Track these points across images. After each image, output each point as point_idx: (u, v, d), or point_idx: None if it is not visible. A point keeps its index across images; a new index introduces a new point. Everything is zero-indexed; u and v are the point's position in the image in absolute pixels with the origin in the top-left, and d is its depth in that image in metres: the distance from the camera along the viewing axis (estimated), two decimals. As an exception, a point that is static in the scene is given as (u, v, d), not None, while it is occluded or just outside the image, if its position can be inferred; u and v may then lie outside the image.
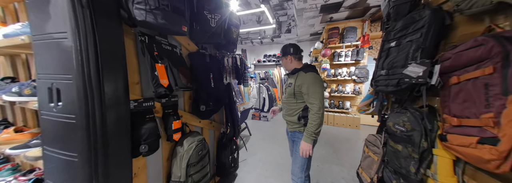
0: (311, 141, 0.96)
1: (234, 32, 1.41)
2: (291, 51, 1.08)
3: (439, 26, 0.66)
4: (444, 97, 0.62)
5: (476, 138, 0.46)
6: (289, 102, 1.09)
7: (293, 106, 1.07)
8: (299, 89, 1.01)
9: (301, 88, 1.00)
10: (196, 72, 1.06)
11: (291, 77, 1.09)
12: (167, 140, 0.88)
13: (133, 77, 0.73)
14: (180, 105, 1.04)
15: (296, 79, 1.03)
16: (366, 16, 3.41)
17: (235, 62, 1.44)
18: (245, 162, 1.98)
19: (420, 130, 0.66)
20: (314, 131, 0.95)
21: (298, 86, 1.01)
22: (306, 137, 0.97)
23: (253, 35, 4.95)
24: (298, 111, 1.05)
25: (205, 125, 1.27)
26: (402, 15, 0.86)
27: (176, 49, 0.92)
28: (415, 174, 0.68)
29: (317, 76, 1.00)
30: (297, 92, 1.03)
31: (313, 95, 0.96)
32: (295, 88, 1.02)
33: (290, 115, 1.09)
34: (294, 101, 1.06)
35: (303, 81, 0.99)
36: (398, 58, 0.81)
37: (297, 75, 1.04)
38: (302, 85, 0.99)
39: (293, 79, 1.06)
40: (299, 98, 1.04)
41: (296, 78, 1.04)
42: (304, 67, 1.06)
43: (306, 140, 0.97)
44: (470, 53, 0.49)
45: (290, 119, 1.09)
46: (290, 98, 1.08)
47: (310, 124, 0.96)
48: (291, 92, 1.05)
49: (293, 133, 1.12)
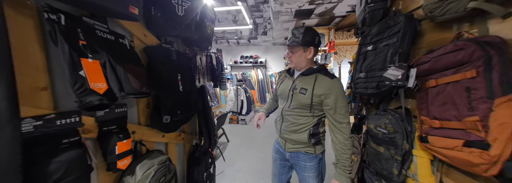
0: (349, 181, 0.70)
1: (209, 26, 1.21)
2: (316, 41, 0.75)
3: (413, 31, 0.70)
4: (421, 100, 0.64)
5: (461, 141, 0.47)
6: (298, 115, 0.79)
7: (303, 121, 0.78)
8: (319, 100, 0.73)
9: (325, 99, 0.72)
10: (158, 72, 0.82)
11: (304, 80, 0.78)
12: (108, 170, 0.61)
13: (36, 79, 0.45)
14: (132, 117, 0.77)
15: (315, 84, 0.73)
16: (332, 24, 3.82)
17: (210, 61, 1.25)
18: (222, 175, 1.76)
19: (402, 132, 0.68)
20: (351, 165, 0.70)
21: (320, 95, 0.72)
22: (340, 174, 0.70)
23: (229, 34, 4.76)
24: (309, 127, 0.77)
25: (171, 139, 1.02)
26: (376, 21, 0.90)
27: (123, 40, 0.66)
28: (398, 175, 0.69)
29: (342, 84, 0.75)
30: (316, 103, 0.74)
31: (342, 111, 0.71)
32: (314, 99, 0.73)
33: (296, 132, 0.79)
34: (309, 114, 0.77)
35: (330, 90, 0.71)
36: (376, 61, 0.84)
37: (316, 80, 0.74)
38: (327, 95, 0.71)
39: (309, 85, 0.75)
40: (316, 111, 0.76)
41: (314, 83, 0.74)
42: (323, 69, 0.78)
43: (341, 180, 0.70)
44: (450, 57, 0.51)
45: (295, 137, 0.80)
46: (301, 110, 0.77)
47: (344, 155, 0.70)
48: (307, 103, 0.74)
49: (296, 154, 0.83)
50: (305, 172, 0.83)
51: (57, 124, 0.46)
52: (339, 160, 0.72)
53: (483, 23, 0.50)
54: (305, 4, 2.65)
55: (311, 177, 0.81)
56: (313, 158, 0.81)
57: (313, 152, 0.80)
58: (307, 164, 0.82)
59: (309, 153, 0.81)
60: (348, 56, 4.37)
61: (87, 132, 0.55)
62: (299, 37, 0.73)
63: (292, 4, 2.62)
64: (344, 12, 3.09)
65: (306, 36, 0.73)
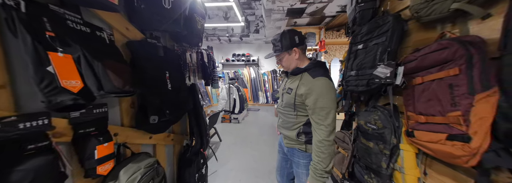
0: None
1: (199, 22, 1.15)
2: (297, 40, 0.74)
3: (400, 30, 0.73)
4: (407, 96, 0.67)
5: (445, 134, 0.50)
6: (287, 113, 0.81)
7: (292, 119, 0.80)
8: (301, 100, 0.73)
9: (306, 99, 0.71)
10: (143, 69, 0.75)
11: (291, 80, 0.80)
12: (87, 176, 0.55)
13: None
14: (114, 118, 0.70)
15: (299, 84, 0.73)
16: (322, 24, 3.91)
17: (201, 58, 1.19)
18: (215, 175, 1.73)
19: (390, 127, 0.71)
20: (323, 169, 0.67)
21: (301, 95, 0.72)
22: (312, 177, 0.70)
23: (221, 31, 4.63)
24: (299, 126, 0.79)
25: (160, 141, 0.96)
26: (366, 20, 0.93)
27: (101, 33, 0.60)
28: (386, 169, 0.73)
29: (331, 84, 0.70)
30: (299, 103, 0.74)
31: (321, 112, 0.67)
32: (297, 98, 0.73)
33: (288, 129, 0.83)
34: (293, 113, 0.78)
35: (310, 90, 0.69)
36: (366, 60, 0.86)
37: (301, 79, 0.74)
38: (307, 95, 0.70)
39: (294, 84, 0.76)
40: (300, 111, 0.76)
41: (298, 83, 0.74)
42: (311, 67, 0.75)
43: (313, 182, 0.70)
44: (435, 56, 0.53)
45: (288, 133, 0.83)
46: (288, 108, 0.80)
47: (316, 157, 0.68)
48: (290, 102, 0.76)
49: (292, 150, 0.86)
50: (299, 168, 0.85)
51: (20, 127, 0.39)
52: (313, 165, 0.70)
53: (464, 24, 0.54)
54: (296, 3, 2.66)
55: (304, 174, 0.83)
56: (306, 156, 0.82)
57: (304, 150, 0.81)
58: (300, 161, 0.83)
59: (301, 151, 0.82)
60: (337, 55, 4.52)
61: (59, 135, 0.48)
62: (278, 44, 0.77)
63: (284, 2, 2.62)
64: (334, 12, 3.17)
65: (284, 40, 0.75)
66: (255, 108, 5.17)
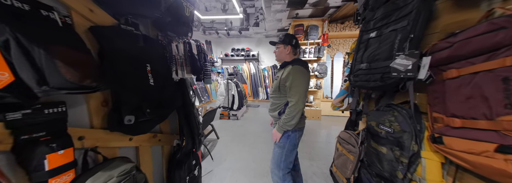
0: (281, 131, 0.99)
1: (187, 8, 1.01)
2: (294, 42, 1.04)
3: (428, 12, 0.59)
4: (434, 93, 0.55)
5: (493, 145, 0.38)
6: (274, 96, 1.07)
7: (277, 100, 1.05)
8: (283, 83, 0.99)
9: (286, 81, 0.97)
10: (115, 60, 0.63)
11: (280, 71, 1.06)
12: (36, 192, 0.45)
13: None
14: (79, 118, 0.59)
15: (283, 72, 1.00)
16: (325, 16, 3.67)
17: (189, 49, 1.06)
18: (210, 175, 1.66)
19: (410, 131, 0.59)
20: (285, 123, 0.96)
21: (283, 79, 0.98)
22: (278, 126, 1.00)
23: (219, 25, 4.42)
24: (281, 106, 1.03)
25: (143, 142, 0.86)
26: (382, 2, 0.78)
27: (50, 13, 0.47)
28: (402, 179, 0.62)
29: (304, 71, 0.98)
30: (282, 85, 1.00)
31: (294, 89, 0.94)
32: (281, 82, 1.00)
33: (273, 110, 1.07)
34: (278, 95, 1.04)
35: (289, 74, 0.96)
36: (381, 50, 0.73)
37: (285, 68, 1.02)
38: (286, 78, 0.97)
39: (280, 73, 1.04)
40: (283, 92, 1.02)
41: (283, 71, 1.01)
42: (294, 61, 1.03)
43: (278, 129, 1.00)
44: (482, 40, 0.40)
45: (272, 114, 1.08)
46: (275, 91, 1.06)
47: (284, 116, 0.97)
48: (276, 85, 1.03)
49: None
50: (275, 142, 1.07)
51: None
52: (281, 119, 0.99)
53: (525, -3, 0.40)
54: (299, -9, 2.44)
55: (277, 145, 1.06)
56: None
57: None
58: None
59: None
60: (341, 49, 4.31)
61: (-11, 144, 0.37)
62: (282, 38, 1.06)
63: (285, -10, 2.41)
64: (339, 2, 2.94)
65: (287, 37, 1.04)
66: (255, 104, 5.07)
